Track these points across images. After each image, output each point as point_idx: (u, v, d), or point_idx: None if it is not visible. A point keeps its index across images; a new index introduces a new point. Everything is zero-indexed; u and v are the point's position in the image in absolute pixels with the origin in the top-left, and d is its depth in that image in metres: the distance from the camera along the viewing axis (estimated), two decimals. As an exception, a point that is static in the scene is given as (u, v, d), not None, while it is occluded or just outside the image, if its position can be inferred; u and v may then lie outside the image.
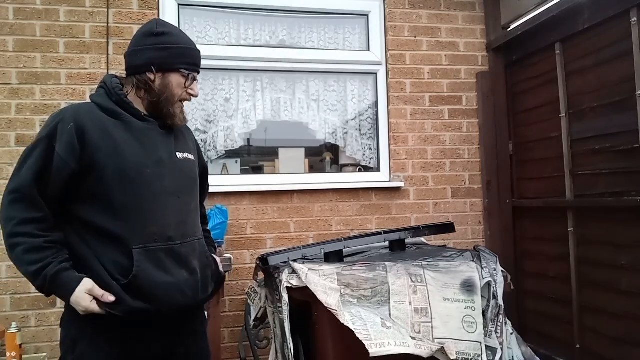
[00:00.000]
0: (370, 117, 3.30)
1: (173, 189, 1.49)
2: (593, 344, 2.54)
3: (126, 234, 1.39)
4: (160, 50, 1.49)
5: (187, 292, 1.47)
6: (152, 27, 1.52)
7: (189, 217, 1.55)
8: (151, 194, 1.43)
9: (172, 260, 1.45)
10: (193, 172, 1.61)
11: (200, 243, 1.58)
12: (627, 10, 2.28)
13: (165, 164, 1.49)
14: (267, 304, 2.23)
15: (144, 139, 1.47)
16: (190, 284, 1.48)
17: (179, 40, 1.53)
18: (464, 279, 2.01)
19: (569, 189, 2.69)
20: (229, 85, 3.12)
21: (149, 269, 1.39)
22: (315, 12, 3.23)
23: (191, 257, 1.51)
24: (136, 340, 1.43)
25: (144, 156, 1.45)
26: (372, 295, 1.94)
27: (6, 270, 2.62)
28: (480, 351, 1.95)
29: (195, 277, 1.50)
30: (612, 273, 2.41)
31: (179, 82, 1.51)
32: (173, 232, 1.46)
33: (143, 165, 1.44)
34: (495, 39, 3.26)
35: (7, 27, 2.73)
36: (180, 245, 1.47)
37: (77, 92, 2.80)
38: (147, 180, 1.43)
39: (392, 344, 1.79)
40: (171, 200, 1.47)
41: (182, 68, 1.50)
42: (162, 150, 1.50)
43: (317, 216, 3.07)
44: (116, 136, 1.42)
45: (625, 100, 2.32)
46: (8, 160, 2.69)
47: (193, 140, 1.72)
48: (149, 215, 1.42)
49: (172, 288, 1.43)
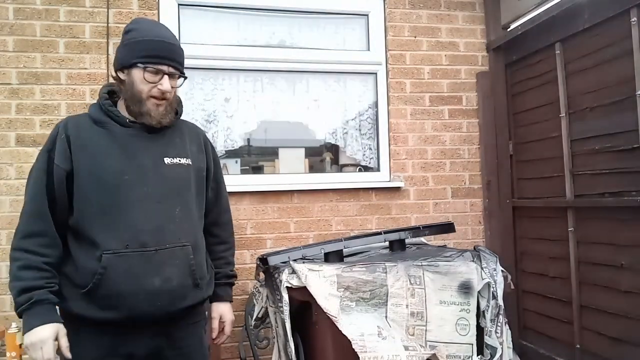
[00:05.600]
0: (370, 117, 3.29)
1: (154, 196, 1.46)
2: (593, 344, 2.54)
3: (99, 239, 1.39)
4: (123, 47, 1.50)
5: (157, 301, 1.43)
6: (126, 26, 1.54)
7: (171, 222, 1.48)
8: (127, 200, 1.42)
9: (144, 267, 1.41)
10: (183, 177, 1.55)
11: (184, 250, 1.49)
12: (627, 10, 2.28)
13: (146, 170, 1.47)
14: (269, 304, 2.24)
15: (126, 145, 1.47)
16: (162, 294, 1.43)
17: (139, 34, 1.47)
18: (462, 281, 2.03)
19: (569, 189, 2.69)
20: (229, 85, 3.12)
21: (116, 276, 1.39)
22: (315, 12, 3.22)
23: (166, 265, 1.45)
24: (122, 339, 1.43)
25: (125, 163, 1.45)
26: (370, 297, 1.96)
27: (6, 270, 2.62)
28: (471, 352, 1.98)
29: (168, 285, 1.44)
30: (612, 273, 2.41)
31: (140, 77, 1.45)
32: (148, 238, 1.42)
33: (121, 172, 1.44)
34: (495, 39, 3.26)
35: (7, 27, 2.73)
36: (154, 252, 1.43)
37: (77, 92, 2.80)
38: (125, 186, 1.43)
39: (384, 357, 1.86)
40: (150, 205, 1.45)
41: (138, 62, 1.45)
42: (145, 155, 1.49)
43: (317, 216, 3.07)
44: (99, 144, 1.45)
45: (625, 100, 2.32)
46: (8, 160, 2.69)
47: (200, 142, 1.68)
48: (123, 221, 1.41)
49: (138, 296, 1.40)
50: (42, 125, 2.73)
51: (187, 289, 1.50)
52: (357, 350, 1.84)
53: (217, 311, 1.75)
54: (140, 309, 1.41)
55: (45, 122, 2.73)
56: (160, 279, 1.43)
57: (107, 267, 1.38)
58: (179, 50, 1.53)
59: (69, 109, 2.76)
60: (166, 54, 1.48)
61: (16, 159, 2.71)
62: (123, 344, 1.43)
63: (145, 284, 1.41)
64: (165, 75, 1.47)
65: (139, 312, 1.41)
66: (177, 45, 1.52)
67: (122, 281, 1.39)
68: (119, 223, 1.41)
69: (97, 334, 1.42)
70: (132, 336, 1.44)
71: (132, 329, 1.43)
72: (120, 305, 1.39)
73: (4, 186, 2.68)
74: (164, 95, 1.49)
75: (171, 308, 1.47)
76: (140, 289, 1.40)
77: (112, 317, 1.40)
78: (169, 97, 1.51)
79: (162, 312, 1.45)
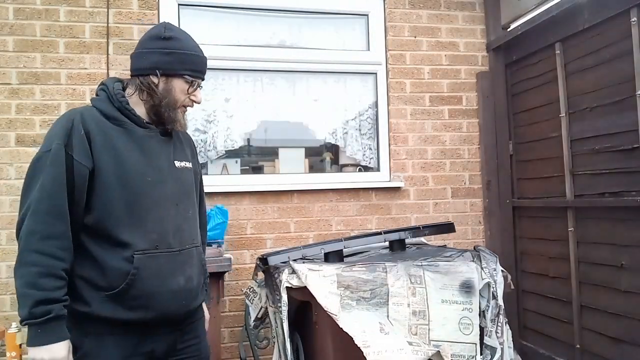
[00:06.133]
0: (370, 117, 3.29)
1: (172, 197, 1.50)
2: (593, 344, 2.54)
3: (129, 239, 1.39)
4: (166, 55, 1.49)
5: (182, 300, 1.48)
6: (160, 30, 1.52)
7: (187, 224, 1.54)
8: (151, 201, 1.44)
9: (171, 267, 1.46)
10: (190, 181, 1.61)
11: (197, 251, 1.59)
12: (627, 10, 2.28)
13: (164, 172, 1.50)
14: (268, 304, 2.24)
15: (145, 146, 1.47)
16: (185, 292, 1.49)
17: (185, 46, 1.52)
18: (463, 280, 2.02)
19: (569, 189, 2.69)
20: (229, 85, 3.12)
21: (147, 276, 1.40)
22: (315, 12, 3.23)
23: (188, 265, 1.51)
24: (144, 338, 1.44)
25: (145, 164, 1.45)
26: (371, 296, 1.96)
27: (6, 270, 2.63)
28: (475, 352, 1.97)
29: (190, 284, 1.51)
30: (612, 273, 2.41)
31: (182, 87, 1.51)
32: (172, 239, 1.46)
33: (144, 173, 1.44)
34: (495, 39, 3.26)
35: (7, 27, 2.73)
36: (178, 252, 1.48)
37: (77, 92, 2.80)
38: (148, 188, 1.44)
39: (389, 350, 1.84)
40: (170, 207, 1.48)
41: (186, 74, 1.51)
42: (162, 158, 1.51)
43: (317, 216, 3.07)
44: (119, 143, 1.43)
45: (625, 100, 2.32)
46: (8, 160, 2.70)
47: (192, 147, 1.72)
48: (150, 222, 1.43)
49: (166, 296, 1.43)
50: (42, 125, 2.73)
51: (200, 288, 1.59)
52: (360, 345, 1.82)
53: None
54: (168, 308, 1.45)
55: (45, 122, 2.72)
56: (184, 278, 1.48)
57: (139, 267, 1.38)
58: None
59: (69, 109, 2.75)
60: (204, 70, 1.59)
61: (16, 159, 2.71)
62: (144, 343, 1.44)
63: (172, 284, 1.45)
64: (199, 88, 1.57)
65: (167, 311, 1.45)
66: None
67: (152, 281, 1.41)
68: (147, 223, 1.42)
69: (121, 335, 1.42)
70: (153, 335, 1.46)
71: (155, 328, 1.45)
72: (150, 305, 1.41)
73: (3, 186, 2.68)
74: (193, 105, 1.59)
75: (192, 306, 1.53)
76: (168, 288, 1.44)
77: (141, 317, 1.41)
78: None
79: (185, 310, 1.50)
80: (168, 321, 1.47)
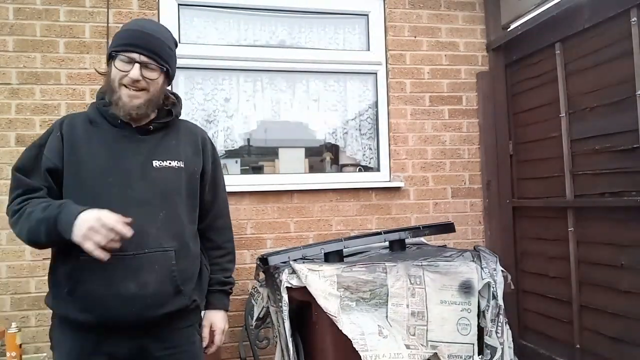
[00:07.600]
0: (370, 117, 3.30)
1: (136, 198, 1.43)
2: (593, 344, 2.54)
3: None
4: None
5: (131, 306, 1.39)
6: None
7: (154, 227, 1.44)
8: (108, 203, 1.37)
9: (120, 271, 1.38)
10: (172, 181, 1.50)
11: (165, 255, 1.45)
12: (627, 10, 2.28)
13: (131, 173, 1.45)
14: (270, 304, 2.24)
15: (115, 147, 1.47)
16: (138, 298, 1.39)
17: (122, 28, 1.50)
18: (462, 281, 2.03)
19: (569, 189, 2.69)
20: (229, 85, 3.12)
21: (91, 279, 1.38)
22: (315, 12, 3.23)
23: (145, 270, 1.41)
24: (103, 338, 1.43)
25: (109, 164, 1.44)
26: (370, 297, 1.96)
27: (6, 270, 2.62)
28: (472, 352, 1.98)
29: (144, 290, 1.40)
30: (612, 273, 2.41)
31: (118, 66, 1.44)
32: (126, 242, 1.34)
33: (105, 174, 1.43)
34: (495, 39, 3.26)
35: (7, 27, 2.73)
36: (132, 257, 1.39)
37: (77, 92, 2.80)
38: (107, 189, 1.42)
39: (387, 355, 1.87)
40: (131, 209, 1.39)
41: (112, 51, 1.45)
42: (132, 158, 1.47)
43: (317, 216, 3.07)
44: (89, 145, 1.46)
45: (625, 100, 2.32)
46: (8, 160, 2.69)
47: (197, 144, 1.62)
48: None
49: (113, 300, 1.38)
50: (42, 125, 2.73)
51: (166, 296, 1.45)
52: (358, 349, 1.84)
53: (207, 319, 1.71)
54: (114, 313, 1.39)
55: (45, 122, 2.72)
56: (136, 284, 1.40)
57: (83, 269, 1.37)
58: (158, 41, 1.47)
59: (69, 109, 2.76)
60: (139, 42, 1.43)
61: (16, 159, 2.69)
62: (103, 344, 1.43)
63: (121, 289, 1.39)
64: (136, 64, 1.42)
65: (113, 316, 1.39)
66: (155, 37, 1.46)
67: (97, 284, 1.38)
68: None
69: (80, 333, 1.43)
70: (112, 337, 1.43)
71: (110, 331, 1.42)
72: (95, 308, 1.39)
73: (3, 186, 2.68)
74: (136, 85, 1.43)
75: (148, 313, 1.43)
76: (116, 293, 1.38)
77: (88, 319, 1.40)
78: (143, 86, 1.44)
79: (137, 317, 1.41)
80: (123, 327, 1.41)
